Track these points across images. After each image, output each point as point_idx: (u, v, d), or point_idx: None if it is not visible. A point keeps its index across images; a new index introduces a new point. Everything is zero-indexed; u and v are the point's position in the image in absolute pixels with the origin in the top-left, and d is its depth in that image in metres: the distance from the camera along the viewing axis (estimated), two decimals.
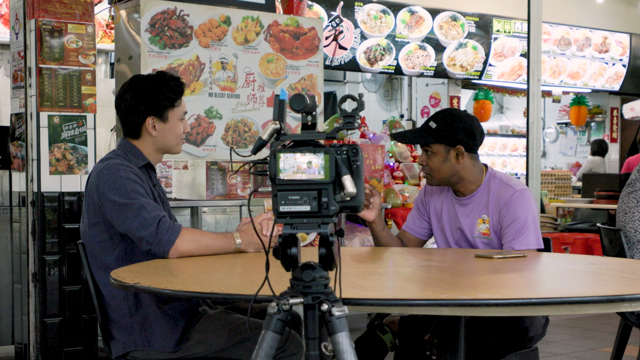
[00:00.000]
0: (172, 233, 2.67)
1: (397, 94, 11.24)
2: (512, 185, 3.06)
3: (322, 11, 8.45)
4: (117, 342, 2.77)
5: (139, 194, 2.71)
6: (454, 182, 3.11)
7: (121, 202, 2.69)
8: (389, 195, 5.75)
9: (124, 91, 2.91)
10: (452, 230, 3.16)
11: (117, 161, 2.80)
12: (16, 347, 4.30)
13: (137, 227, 2.66)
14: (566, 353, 5.11)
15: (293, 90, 4.73)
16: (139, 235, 2.67)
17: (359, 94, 10.47)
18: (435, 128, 3.05)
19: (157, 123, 2.87)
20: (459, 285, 2.27)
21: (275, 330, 1.83)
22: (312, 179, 1.76)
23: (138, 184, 2.74)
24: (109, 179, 2.73)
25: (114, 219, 2.72)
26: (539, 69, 5.87)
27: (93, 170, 2.84)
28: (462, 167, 3.07)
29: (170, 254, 2.67)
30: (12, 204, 4.35)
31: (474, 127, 3.08)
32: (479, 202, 3.09)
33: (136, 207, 2.67)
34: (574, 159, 13.06)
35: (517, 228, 2.97)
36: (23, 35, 4.10)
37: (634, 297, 1.94)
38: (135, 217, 2.66)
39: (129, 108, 2.87)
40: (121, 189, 2.70)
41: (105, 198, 2.72)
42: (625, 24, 11.34)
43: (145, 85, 2.88)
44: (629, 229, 3.77)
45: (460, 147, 3.05)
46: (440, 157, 3.06)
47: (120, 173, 2.74)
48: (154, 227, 2.65)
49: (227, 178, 4.85)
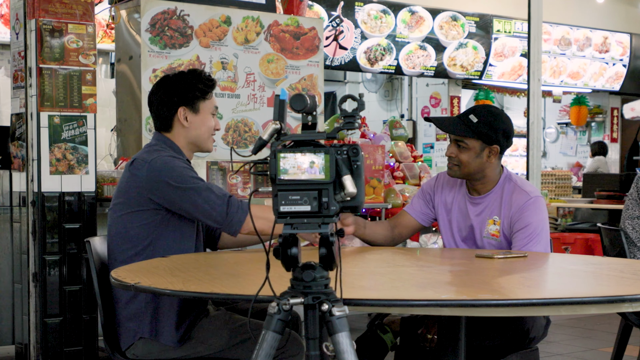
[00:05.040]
0: (242, 213, 2.74)
1: (398, 94, 11.25)
2: (527, 191, 3.02)
3: (323, 11, 8.45)
4: (128, 331, 2.77)
5: (198, 179, 2.78)
6: (476, 179, 3.07)
7: (186, 187, 2.74)
8: (389, 195, 5.74)
9: (157, 86, 2.97)
10: (461, 226, 3.14)
11: (167, 153, 2.85)
12: (17, 347, 4.30)
13: (206, 208, 2.72)
14: (566, 353, 5.11)
15: (293, 90, 4.74)
16: (207, 214, 2.73)
17: (359, 94, 10.47)
18: (476, 123, 2.99)
19: (188, 114, 2.92)
20: (460, 285, 2.27)
21: (275, 330, 1.83)
22: (313, 179, 1.76)
23: (193, 172, 2.82)
24: (164, 167, 2.77)
25: (178, 202, 2.75)
26: (540, 69, 5.87)
27: (139, 160, 2.84)
28: (489, 166, 3.03)
29: (240, 232, 2.76)
30: (13, 204, 4.35)
31: (511, 130, 3.06)
32: (491, 203, 3.07)
33: (203, 188, 2.74)
34: (574, 159, 13.06)
35: (527, 234, 2.95)
36: (23, 35, 4.10)
37: (634, 297, 1.93)
38: (204, 199, 2.72)
39: (161, 100, 2.93)
40: (183, 176, 2.75)
41: (166, 185, 2.75)
42: (626, 24, 11.34)
43: (178, 77, 2.95)
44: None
45: (497, 147, 3.01)
46: (473, 153, 3.01)
47: (176, 162, 2.80)
48: (224, 207, 2.72)
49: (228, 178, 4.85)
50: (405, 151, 6.50)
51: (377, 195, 5.50)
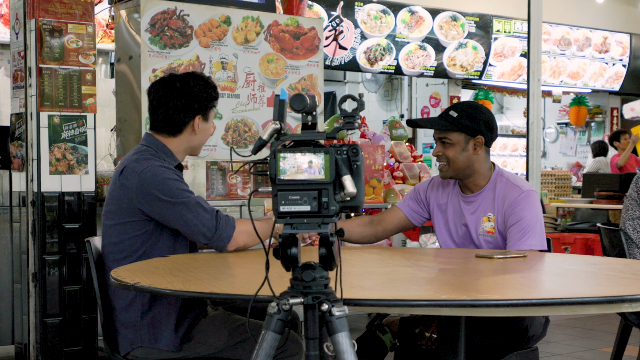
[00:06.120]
0: (230, 228, 2.76)
1: (397, 94, 11.24)
2: (519, 185, 3.05)
3: (322, 11, 8.45)
4: (125, 339, 2.77)
5: (188, 192, 2.78)
6: (467, 175, 3.09)
7: (175, 201, 2.72)
8: (389, 195, 5.74)
9: (172, 89, 2.88)
10: (457, 226, 3.15)
11: (157, 163, 2.81)
12: (16, 347, 4.30)
13: (195, 224, 2.72)
14: (566, 353, 5.11)
15: (293, 90, 4.74)
16: (197, 230, 2.73)
17: (359, 94, 10.47)
18: (456, 117, 3.03)
19: (201, 122, 2.92)
20: (459, 285, 2.27)
21: (275, 330, 1.83)
22: (313, 179, 1.76)
23: (182, 183, 2.81)
24: (154, 180, 2.74)
25: (163, 215, 2.74)
26: (539, 69, 5.88)
27: (129, 170, 2.80)
28: (477, 159, 3.06)
29: (227, 248, 2.77)
30: (12, 204, 4.35)
31: (493, 121, 3.10)
32: (484, 200, 3.09)
33: (192, 204, 2.73)
34: (574, 159, 13.06)
35: (521, 228, 2.96)
36: (23, 35, 4.10)
37: (634, 297, 1.93)
38: (194, 214, 2.72)
39: (179, 106, 2.87)
40: (173, 190, 2.74)
41: (155, 199, 2.73)
42: (625, 24, 11.34)
43: (198, 84, 2.90)
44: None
45: (481, 137, 3.04)
46: (458, 147, 3.04)
47: (166, 175, 2.77)
48: (213, 223, 2.73)
49: (227, 178, 4.84)
50: (405, 151, 6.51)
51: (376, 195, 5.51)
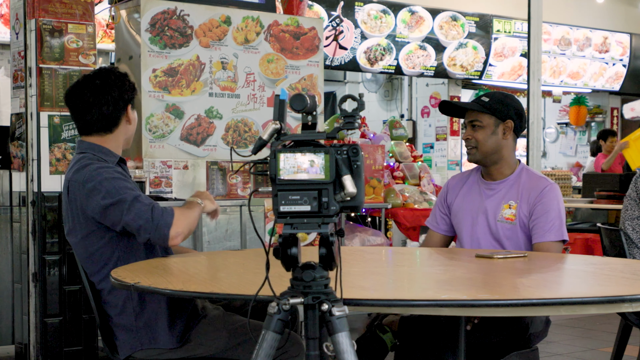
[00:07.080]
0: (167, 216, 2.66)
1: (398, 94, 11.23)
2: (545, 178, 3.16)
3: (322, 11, 8.45)
4: (124, 344, 2.77)
5: (128, 189, 2.71)
6: (494, 161, 3.17)
7: (113, 201, 2.67)
8: (389, 195, 5.74)
9: (102, 87, 2.85)
10: (473, 211, 3.21)
11: (94, 165, 2.76)
12: (16, 347, 4.30)
13: (133, 219, 2.64)
14: (566, 353, 5.11)
15: (293, 90, 4.73)
16: (136, 225, 2.65)
17: (359, 94, 10.44)
18: (488, 101, 3.15)
19: (131, 111, 2.94)
20: (460, 285, 2.27)
21: (275, 330, 1.83)
22: (313, 178, 1.76)
23: (122, 180, 2.74)
24: (95, 186, 2.70)
25: (110, 218, 2.69)
26: (539, 69, 5.87)
27: (72, 183, 2.77)
28: (506, 145, 3.16)
29: (170, 237, 2.65)
30: (12, 204, 4.35)
31: (523, 110, 3.21)
32: (508, 189, 3.16)
33: (129, 200, 2.66)
34: (574, 159, 13.05)
35: (550, 219, 3.05)
36: (23, 35, 4.10)
37: (634, 297, 1.94)
38: (130, 210, 2.65)
39: (111, 101, 2.85)
40: (110, 191, 2.68)
41: (97, 204, 2.69)
42: (626, 24, 11.33)
43: (117, 76, 2.90)
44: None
45: (510, 122, 3.14)
46: (488, 130, 3.14)
47: (104, 175, 2.72)
48: (149, 214, 2.64)
49: (227, 178, 4.85)
50: (405, 151, 6.51)
51: (377, 195, 5.51)
